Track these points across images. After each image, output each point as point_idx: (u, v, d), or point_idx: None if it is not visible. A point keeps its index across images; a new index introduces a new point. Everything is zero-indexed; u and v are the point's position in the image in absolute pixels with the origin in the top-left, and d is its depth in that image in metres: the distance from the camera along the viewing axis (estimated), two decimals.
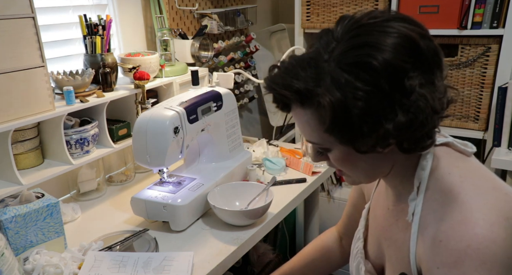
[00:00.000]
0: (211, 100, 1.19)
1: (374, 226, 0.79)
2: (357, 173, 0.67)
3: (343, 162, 0.65)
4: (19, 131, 1.07)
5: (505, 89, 1.47)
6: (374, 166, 0.66)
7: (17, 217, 0.88)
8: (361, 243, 0.81)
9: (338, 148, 0.63)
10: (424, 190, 0.64)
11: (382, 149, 0.60)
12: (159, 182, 1.17)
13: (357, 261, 0.80)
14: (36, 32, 1.00)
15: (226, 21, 1.83)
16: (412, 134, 0.58)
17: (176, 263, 0.94)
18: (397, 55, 0.55)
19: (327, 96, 0.56)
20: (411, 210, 0.65)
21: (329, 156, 0.66)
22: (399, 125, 0.56)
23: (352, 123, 0.57)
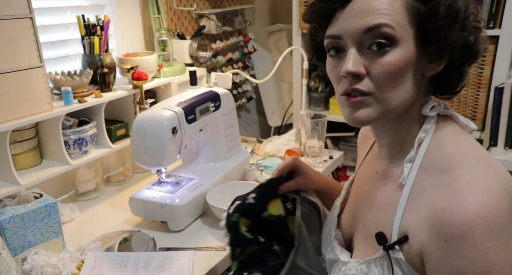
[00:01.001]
0: (209, 100, 1.19)
1: (355, 194, 0.77)
2: (396, 94, 0.59)
3: (400, 69, 0.57)
4: (17, 132, 1.07)
5: (502, 89, 1.47)
6: (410, 91, 0.60)
7: (15, 217, 0.88)
8: (336, 211, 0.80)
9: (407, 45, 0.57)
10: (423, 154, 0.62)
11: (436, 63, 0.61)
12: (157, 182, 1.18)
13: (328, 228, 0.79)
14: (34, 32, 1.00)
15: (224, 22, 1.84)
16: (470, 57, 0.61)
17: (176, 262, 0.94)
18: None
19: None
20: (406, 172, 0.62)
21: (387, 58, 0.57)
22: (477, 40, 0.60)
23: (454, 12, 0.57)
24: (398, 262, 0.60)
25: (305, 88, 1.62)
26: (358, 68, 0.58)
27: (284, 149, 1.52)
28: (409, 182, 0.61)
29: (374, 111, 0.60)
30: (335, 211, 0.80)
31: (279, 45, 2.22)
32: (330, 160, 1.50)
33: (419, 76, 0.61)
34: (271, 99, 2.22)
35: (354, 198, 0.78)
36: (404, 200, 0.61)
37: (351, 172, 2.06)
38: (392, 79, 0.58)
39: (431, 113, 0.63)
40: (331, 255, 0.74)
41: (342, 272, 0.68)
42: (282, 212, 0.79)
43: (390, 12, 0.56)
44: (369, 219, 0.69)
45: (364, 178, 0.76)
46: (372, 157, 0.76)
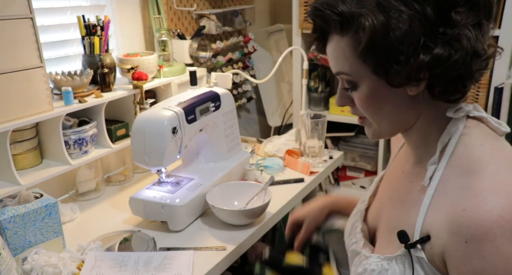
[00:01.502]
0: (209, 100, 1.19)
1: (383, 190, 0.78)
2: (381, 118, 0.65)
3: (370, 101, 0.63)
4: (17, 132, 1.07)
5: (501, 89, 1.47)
6: (400, 112, 0.64)
7: (15, 217, 0.89)
8: (364, 205, 0.81)
9: (367, 81, 0.62)
10: (448, 156, 0.62)
11: (414, 84, 0.59)
12: (157, 182, 1.18)
13: (354, 220, 0.80)
14: (34, 32, 1.00)
15: (224, 22, 1.84)
16: (447, 71, 0.57)
17: (176, 261, 0.95)
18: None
19: (370, 17, 0.56)
20: (429, 174, 0.63)
21: (356, 95, 0.64)
22: (436, 57, 0.56)
23: (389, 47, 0.56)
24: (419, 261, 0.61)
25: (305, 88, 1.62)
26: (340, 102, 0.69)
27: (284, 149, 1.52)
28: (433, 183, 0.62)
29: (375, 131, 0.68)
30: (362, 205, 0.82)
31: (279, 45, 2.22)
32: (330, 160, 1.50)
33: (405, 96, 0.63)
34: (271, 99, 2.23)
35: (381, 194, 0.79)
36: (428, 200, 0.62)
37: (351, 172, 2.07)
38: (369, 109, 0.65)
39: (455, 115, 0.63)
40: (354, 246, 0.75)
41: (363, 266, 0.69)
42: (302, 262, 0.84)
43: (343, 60, 0.63)
44: (392, 216, 0.70)
45: (392, 175, 0.77)
46: (401, 156, 0.77)
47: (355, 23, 0.58)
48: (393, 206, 0.71)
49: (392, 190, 0.74)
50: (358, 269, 0.70)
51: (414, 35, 0.56)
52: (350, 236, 0.79)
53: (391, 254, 0.65)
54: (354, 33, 0.59)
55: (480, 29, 0.58)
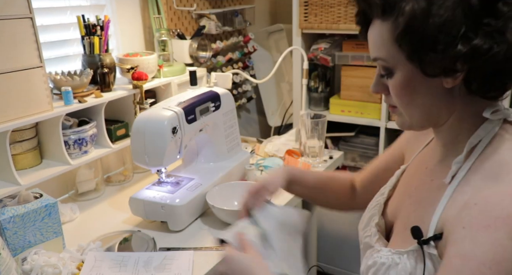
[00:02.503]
0: (209, 100, 1.19)
1: (403, 185, 0.77)
2: (414, 109, 0.64)
3: (404, 90, 0.62)
4: (17, 132, 1.07)
5: None
6: (433, 105, 0.63)
7: (15, 218, 0.89)
8: (383, 199, 0.80)
9: (403, 69, 0.61)
10: (475, 157, 0.61)
11: (450, 75, 0.58)
12: (157, 182, 1.18)
13: (372, 213, 0.79)
14: (34, 32, 1.00)
15: (224, 22, 1.84)
16: (485, 65, 0.55)
17: (176, 262, 0.94)
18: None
19: (411, 2, 0.55)
20: (451, 173, 0.62)
21: (391, 83, 0.63)
22: (474, 48, 0.54)
23: (426, 34, 0.55)
24: (431, 258, 0.61)
25: (305, 88, 1.62)
26: (375, 89, 0.68)
27: (284, 149, 1.52)
28: (455, 182, 0.62)
29: (405, 120, 0.67)
30: (381, 198, 0.81)
31: (279, 45, 2.22)
32: (330, 160, 1.50)
33: (439, 89, 0.61)
34: (271, 99, 2.22)
35: (401, 189, 0.78)
36: (446, 199, 0.61)
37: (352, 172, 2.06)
38: (403, 98, 0.64)
39: (493, 116, 0.62)
40: (368, 240, 0.75)
41: (373, 258, 0.69)
42: None
43: (381, 45, 0.62)
44: (410, 212, 0.70)
45: (414, 170, 0.76)
46: (427, 152, 0.76)
47: (397, 7, 0.57)
48: (412, 203, 0.70)
49: (412, 186, 0.73)
50: (368, 262, 0.70)
51: (455, 23, 0.54)
52: (365, 229, 0.78)
53: (403, 249, 0.65)
54: (395, 18, 0.58)
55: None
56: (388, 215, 0.78)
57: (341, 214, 2.00)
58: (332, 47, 1.87)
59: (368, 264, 0.70)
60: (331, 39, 1.91)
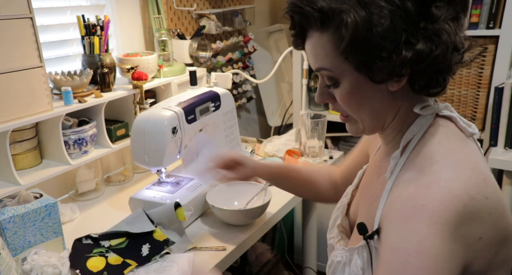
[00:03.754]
0: (209, 100, 1.19)
1: (362, 184, 0.80)
2: (363, 115, 0.65)
3: (352, 97, 0.63)
4: (17, 132, 1.07)
5: (502, 89, 1.47)
6: (381, 109, 0.64)
7: (15, 218, 0.88)
8: (347, 199, 0.82)
9: (349, 78, 0.61)
10: (410, 151, 0.64)
11: (396, 80, 0.59)
12: (157, 182, 1.18)
13: (336, 215, 0.82)
14: (34, 32, 1.00)
15: (224, 22, 1.83)
16: (428, 66, 0.58)
17: (176, 264, 0.94)
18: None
19: (351, 13, 0.56)
20: (390, 168, 0.65)
21: (337, 92, 0.64)
22: (418, 52, 0.56)
23: (372, 44, 0.56)
24: (378, 252, 0.62)
25: (305, 88, 1.62)
26: (321, 99, 0.68)
27: (284, 149, 1.52)
28: (393, 177, 0.64)
29: (358, 127, 0.68)
30: (345, 199, 0.83)
31: (279, 45, 2.22)
32: (330, 160, 1.50)
33: (385, 92, 0.63)
34: (271, 99, 2.22)
35: (361, 188, 0.80)
36: (386, 194, 0.64)
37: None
38: (352, 106, 0.65)
39: (423, 112, 0.64)
40: (331, 241, 0.78)
41: (331, 258, 0.72)
42: None
43: (324, 57, 0.62)
44: (361, 209, 0.73)
45: (369, 170, 0.79)
46: (378, 152, 0.79)
47: (336, 19, 0.57)
48: (364, 200, 0.73)
49: (365, 185, 0.76)
50: (328, 262, 0.73)
51: (396, 30, 0.56)
52: (330, 231, 0.80)
53: (354, 246, 0.67)
54: (335, 30, 0.59)
55: (458, 23, 0.59)
56: (351, 215, 0.80)
57: None
58: None
59: (328, 264, 0.73)
60: None
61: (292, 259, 2.11)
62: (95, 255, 0.96)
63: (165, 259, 0.96)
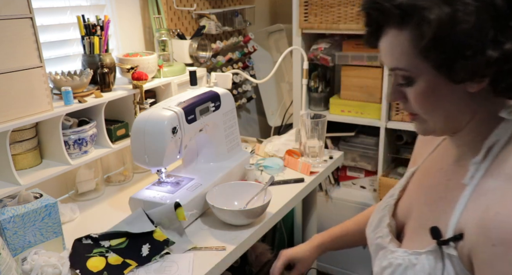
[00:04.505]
0: (209, 100, 1.19)
1: (415, 187, 0.77)
2: (437, 116, 0.62)
3: (427, 98, 0.60)
4: (17, 132, 1.07)
5: None
6: (456, 110, 0.62)
7: (15, 218, 0.88)
8: (393, 200, 0.80)
9: (426, 77, 0.59)
10: (492, 158, 0.61)
11: (477, 80, 0.57)
12: (157, 182, 1.18)
13: (382, 214, 0.78)
14: (34, 32, 1.00)
15: (224, 22, 1.84)
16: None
17: (176, 264, 0.94)
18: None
19: (435, 9, 0.53)
20: (470, 173, 0.62)
21: (411, 91, 0.61)
22: (506, 52, 0.53)
23: (455, 42, 0.53)
24: (450, 258, 0.61)
25: (305, 88, 1.62)
26: (393, 98, 0.66)
27: (284, 149, 1.52)
28: (473, 182, 0.61)
29: (426, 128, 0.66)
30: (391, 199, 0.80)
31: (279, 45, 2.22)
32: (330, 160, 1.50)
33: (463, 94, 0.60)
34: (271, 99, 2.22)
35: (413, 190, 0.78)
36: (465, 199, 0.61)
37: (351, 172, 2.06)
38: (425, 106, 0.62)
39: (509, 116, 0.61)
40: (379, 240, 0.74)
41: (388, 260, 0.68)
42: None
43: (401, 55, 0.60)
44: (425, 212, 0.69)
45: (428, 172, 0.76)
46: (440, 154, 0.76)
47: (417, 16, 0.55)
48: (426, 203, 0.70)
49: (426, 187, 0.73)
50: (382, 263, 0.69)
51: (483, 28, 0.53)
52: (376, 230, 0.77)
53: (420, 249, 0.64)
54: (415, 27, 0.56)
55: None
56: (398, 216, 0.77)
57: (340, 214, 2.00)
58: (332, 47, 1.87)
59: (382, 265, 0.69)
60: (331, 39, 1.91)
61: None
62: (95, 255, 0.95)
63: (165, 259, 0.96)
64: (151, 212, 1.05)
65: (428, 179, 0.74)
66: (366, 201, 1.93)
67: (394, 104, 1.76)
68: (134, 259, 0.95)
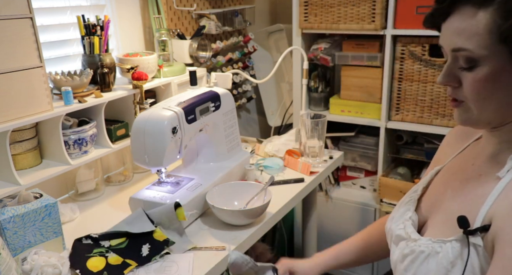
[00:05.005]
0: (209, 100, 1.19)
1: (442, 183, 0.77)
2: (487, 105, 0.60)
3: (486, 84, 0.58)
4: (17, 132, 1.07)
5: None
6: (508, 103, 0.60)
7: (15, 218, 0.88)
8: (416, 195, 0.79)
9: (493, 62, 0.57)
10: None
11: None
12: (157, 182, 1.18)
13: (405, 208, 0.78)
14: (34, 32, 1.00)
15: (224, 22, 1.83)
16: None
17: (176, 264, 0.94)
18: None
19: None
20: (508, 167, 0.61)
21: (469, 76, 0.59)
22: None
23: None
24: (475, 248, 0.60)
25: (305, 88, 1.62)
26: (445, 80, 0.63)
27: (284, 149, 1.52)
28: (507, 177, 0.61)
29: (470, 117, 0.64)
30: (414, 194, 0.80)
31: (279, 45, 2.22)
32: (330, 160, 1.50)
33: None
34: (271, 99, 2.22)
35: (439, 187, 0.78)
36: (497, 192, 0.61)
37: (351, 172, 2.06)
38: (480, 93, 0.60)
39: None
40: (401, 232, 0.74)
41: (410, 247, 0.68)
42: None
43: (473, 36, 0.58)
44: (453, 205, 0.69)
45: (456, 169, 0.75)
46: (471, 152, 0.76)
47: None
48: (456, 197, 0.70)
49: (455, 181, 0.72)
50: (404, 250, 0.69)
51: None
52: (398, 222, 0.77)
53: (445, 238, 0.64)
54: (497, 7, 0.55)
55: None
56: (422, 211, 0.77)
57: (340, 214, 2.00)
58: (332, 47, 1.87)
59: (404, 253, 0.69)
60: (331, 39, 1.91)
61: None
62: (95, 255, 0.95)
63: (165, 259, 0.96)
64: (151, 212, 1.05)
65: (457, 175, 0.73)
66: (366, 201, 1.93)
67: (394, 104, 1.76)
68: (134, 259, 0.95)
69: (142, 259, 0.95)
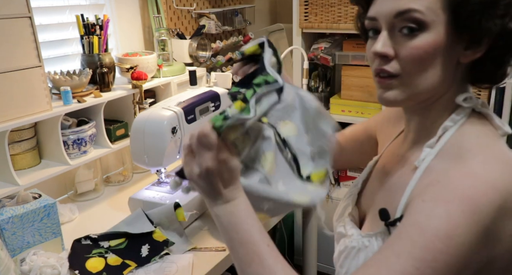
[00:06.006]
0: (209, 100, 1.19)
1: (377, 176, 0.78)
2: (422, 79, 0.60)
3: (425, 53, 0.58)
4: (16, 132, 1.07)
5: (503, 89, 1.47)
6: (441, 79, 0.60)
7: (14, 218, 0.88)
8: (356, 189, 0.81)
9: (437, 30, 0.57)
10: (444, 142, 0.62)
11: (473, 50, 0.58)
12: (157, 183, 1.17)
13: (346, 203, 0.80)
14: (33, 31, 1.00)
15: (224, 21, 1.83)
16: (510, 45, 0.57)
17: (176, 265, 0.94)
18: None
19: None
20: (423, 155, 0.63)
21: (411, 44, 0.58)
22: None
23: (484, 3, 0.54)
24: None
25: (305, 88, 1.62)
26: (385, 49, 0.60)
27: None
28: (423, 166, 0.62)
29: (402, 93, 0.62)
30: (355, 189, 0.81)
31: (279, 44, 2.21)
32: None
33: (453, 63, 0.60)
34: None
35: (375, 179, 0.78)
36: (414, 182, 0.62)
37: (352, 172, 2.06)
38: (419, 63, 0.59)
39: (464, 103, 0.62)
40: (341, 229, 0.75)
41: (345, 244, 0.70)
42: None
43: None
44: (379, 198, 0.71)
45: (386, 160, 0.77)
46: (397, 143, 0.77)
47: None
48: (384, 190, 0.71)
49: (383, 174, 0.74)
50: (340, 247, 0.71)
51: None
52: (339, 219, 0.79)
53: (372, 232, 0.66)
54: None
55: None
56: (362, 205, 0.79)
57: None
58: (333, 46, 1.87)
59: (340, 250, 0.71)
60: (332, 38, 1.90)
61: (292, 259, 2.11)
62: (94, 255, 0.95)
63: (165, 259, 0.96)
64: (151, 213, 1.04)
65: (386, 166, 0.75)
66: None
67: None
68: (134, 259, 0.95)
69: (141, 260, 0.95)
